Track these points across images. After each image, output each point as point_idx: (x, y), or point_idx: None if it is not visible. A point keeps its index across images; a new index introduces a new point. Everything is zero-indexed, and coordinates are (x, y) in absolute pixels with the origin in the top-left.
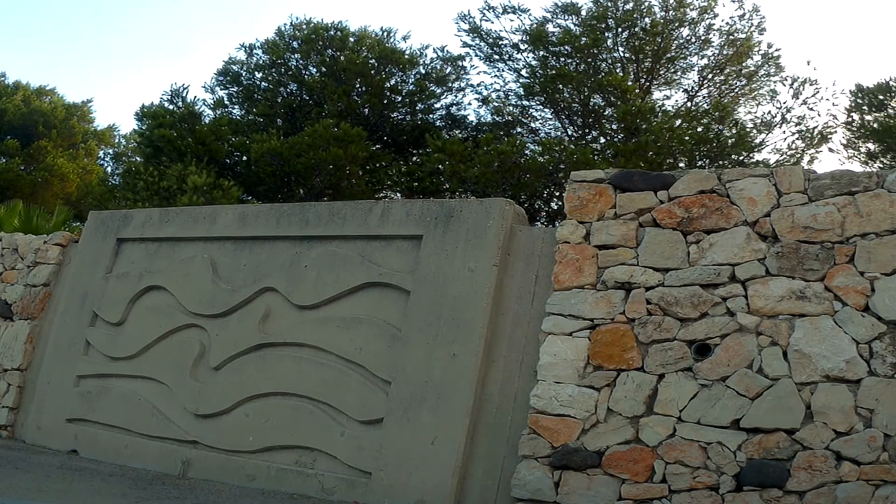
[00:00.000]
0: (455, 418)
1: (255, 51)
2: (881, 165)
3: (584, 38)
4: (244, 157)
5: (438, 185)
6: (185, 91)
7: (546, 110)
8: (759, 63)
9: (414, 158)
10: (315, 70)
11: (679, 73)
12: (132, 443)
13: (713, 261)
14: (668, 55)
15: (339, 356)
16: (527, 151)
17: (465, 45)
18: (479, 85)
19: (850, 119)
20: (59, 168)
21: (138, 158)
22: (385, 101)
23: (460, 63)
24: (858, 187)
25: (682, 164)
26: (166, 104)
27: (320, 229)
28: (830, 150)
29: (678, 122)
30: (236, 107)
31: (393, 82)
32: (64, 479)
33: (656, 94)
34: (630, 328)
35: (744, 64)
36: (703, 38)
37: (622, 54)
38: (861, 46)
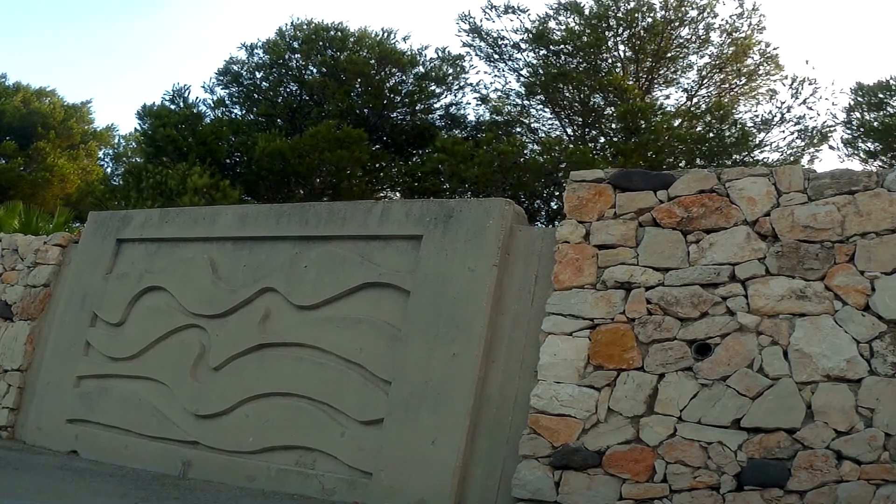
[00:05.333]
0: (455, 418)
1: (255, 51)
2: (881, 164)
3: (585, 38)
4: (245, 158)
5: (438, 186)
6: (187, 91)
7: (546, 110)
8: (759, 62)
9: (414, 158)
10: (315, 70)
11: (679, 73)
12: (132, 443)
13: (713, 260)
14: (669, 54)
15: (338, 356)
16: (526, 151)
17: (466, 44)
18: (478, 84)
19: (849, 118)
20: (59, 169)
21: (138, 159)
22: (385, 101)
23: (460, 63)
24: (858, 186)
25: (681, 164)
26: (168, 104)
27: (320, 229)
28: (831, 147)
29: (678, 121)
30: (237, 107)
31: (393, 82)
32: (64, 479)
33: (656, 94)
34: (630, 328)
35: (743, 63)
36: (702, 37)
37: (623, 53)
38: (861, 45)
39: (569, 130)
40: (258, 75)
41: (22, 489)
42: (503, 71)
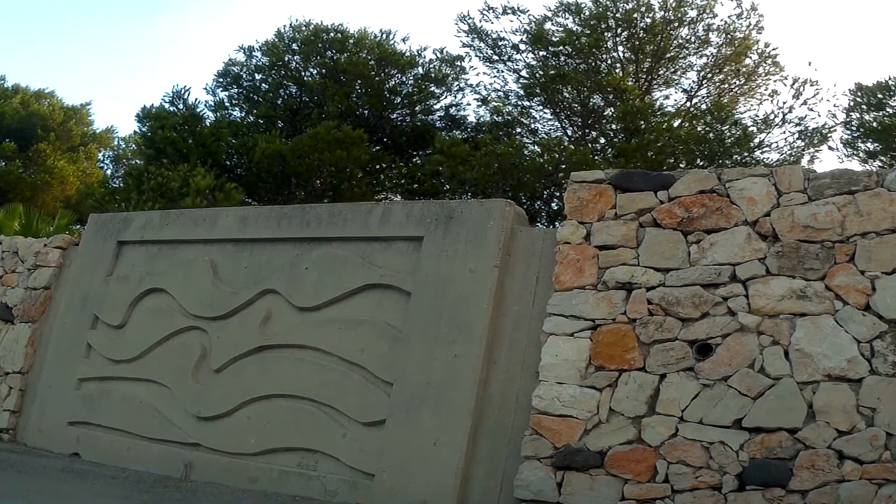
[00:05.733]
0: (457, 419)
1: (254, 52)
2: (881, 164)
3: (584, 38)
4: (245, 159)
5: (438, 187)
6: (187, 93)
7: (546, 110)
8: (758, 62)
9: (414, 160)
10: (315, 71)
11: (678, 73)
12: (134, 445)
13: (714, 260)
14: (668, 55)
15: (340, 358)
16: (526, 152)
17: (465, 45)
18: (478, 85)
19: (849, 118)
20: (59, 171)
21: (137, 161)
22: (384, 103)
23: (459, 63)
24: (858, 186)
25: (681, 164)
26: (167, 106)
27: (321, 231)
28: (830, 148)
29: (678, 121)
30: (236, 108)
31: (392, 83)
32: (66, 481)
33: (656, 94)
34: (631, 328)
35: (742, 63)
36: (702, 37)
37: (622, 54)
38: (861, 45)
39: (569, 131)
40: (258, 77)
41: (23, 491)
42: (502, 72)
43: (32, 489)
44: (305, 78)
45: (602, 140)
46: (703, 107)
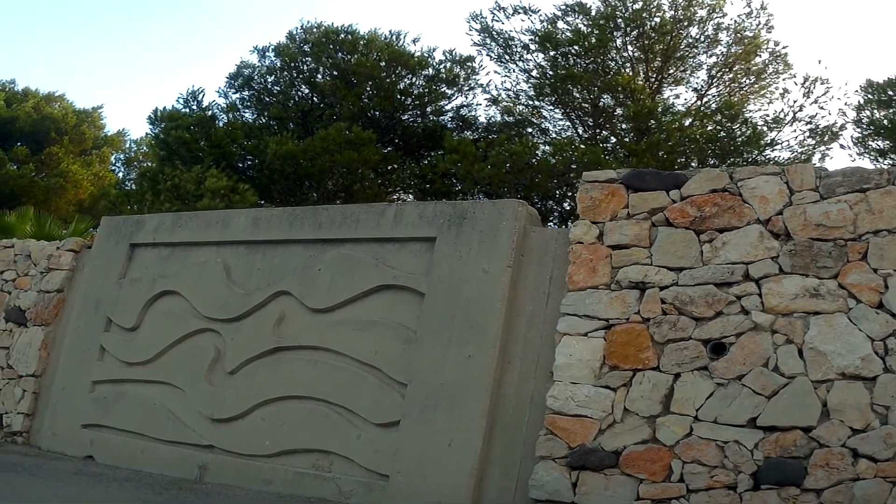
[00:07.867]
0: (471, 420)
1: (266, 54)
2: (892, 162)
3: (593, 38)
4: (257, 161)
5: (450, 187)
6: (202, 94)
7: (556, 111)
8: (768, 61)
9: (425, 161)
10: (326, 73)
11: (688, 72)
12: (148, 448)
13: (726, 259)
14: (678, 54)
15: (354, 359)
16: (538, 152)
17: (477, 44)
18: (488, 84)
19: (859, 116)
20: (72, 175)
21: (149, 163)
22: (395, 104)
23: (470, 64)
24: (870, 184)
25: (693, 164)
26: (181, 107)
27: (333, 232)
28: (841, 146)
29: (688, 121)
30: (248, 110)
31: (403, 85)
32: (79, 484)
33: (666, 94)
34: (645, 328)
35: (752, 62)
36: (711, 36)
37: (631, 54)
38: (871, 43)
39: (580, 130)
40: (269, 79)
41: (37, 494)
42: (513, 71)
43: (46, 493)
44: (317, 80)
45: (613, 140)
46: (714, 106)
